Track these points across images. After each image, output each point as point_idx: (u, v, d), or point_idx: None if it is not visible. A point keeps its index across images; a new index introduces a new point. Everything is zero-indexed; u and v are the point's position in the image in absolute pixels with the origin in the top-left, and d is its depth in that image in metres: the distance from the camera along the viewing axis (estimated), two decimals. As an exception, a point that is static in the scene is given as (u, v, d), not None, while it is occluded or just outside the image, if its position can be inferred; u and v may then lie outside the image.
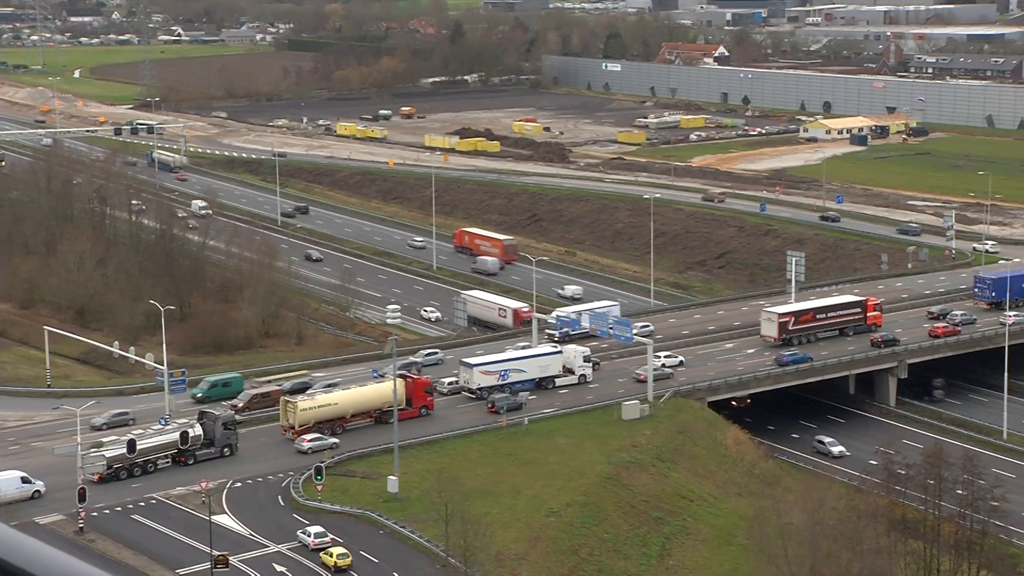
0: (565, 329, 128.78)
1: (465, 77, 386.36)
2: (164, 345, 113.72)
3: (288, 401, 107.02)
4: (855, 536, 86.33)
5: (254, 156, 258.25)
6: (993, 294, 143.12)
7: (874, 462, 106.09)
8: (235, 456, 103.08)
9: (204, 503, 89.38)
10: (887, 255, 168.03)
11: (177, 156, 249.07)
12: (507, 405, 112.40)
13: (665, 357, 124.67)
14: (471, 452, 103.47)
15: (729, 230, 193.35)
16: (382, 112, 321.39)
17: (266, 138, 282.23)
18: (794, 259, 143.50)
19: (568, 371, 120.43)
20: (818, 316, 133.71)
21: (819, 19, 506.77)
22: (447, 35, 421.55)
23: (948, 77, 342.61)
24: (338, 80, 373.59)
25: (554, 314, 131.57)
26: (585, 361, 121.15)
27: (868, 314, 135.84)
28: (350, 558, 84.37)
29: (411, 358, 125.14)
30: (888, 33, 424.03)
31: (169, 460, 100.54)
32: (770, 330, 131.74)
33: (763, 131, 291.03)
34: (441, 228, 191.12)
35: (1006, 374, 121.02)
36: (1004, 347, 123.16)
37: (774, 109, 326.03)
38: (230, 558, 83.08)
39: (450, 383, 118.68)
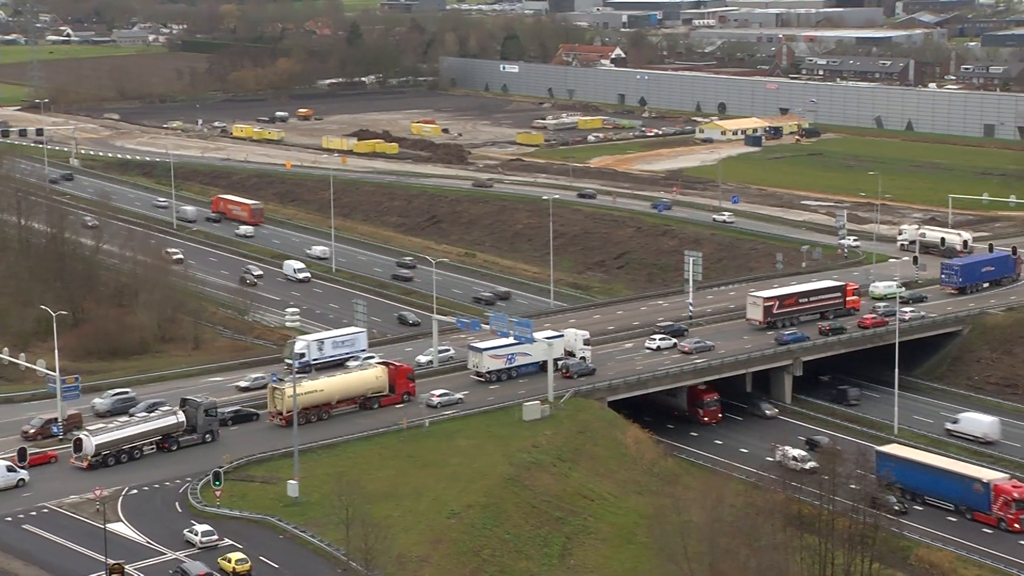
0: (305, 359, 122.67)
1: (362, 78, 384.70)
2: (56, 351, 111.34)
3: (275, 388, 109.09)
4: (753, 532, 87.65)
5: (147, 158, 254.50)
6: (960, 280, 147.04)
7: (770, 459, 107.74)
8: (218, 442, 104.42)
9: (99, 511, 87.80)
10: (782, 254, 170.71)
11: None
12: (579, 370, 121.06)
13: (660, 340, 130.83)
14: (372, 455, 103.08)
15: (627, 231, 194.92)
16: (279, 114, 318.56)
17: (160, 140, 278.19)
18: (691, 259, 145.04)
19: (570, 354, 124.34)
20: (801, 300, 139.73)
21: (712, 21, 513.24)
22: (344, 36, 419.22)
23: (838, 79, 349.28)
24: (233, 81, 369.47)
25: (294, 341, 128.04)
26: (585, 344, 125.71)
27: (847, 298, 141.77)
28: (249, 563, 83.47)
29: (96, 399, 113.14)
30: (780, 35, 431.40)
31: (153, 447, 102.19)
32: (755, 314, 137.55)
33: (660, 132, 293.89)
34: (339, 230, 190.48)
35: (896, 370, 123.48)
36: (895, 344, 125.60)
37: (670, 110, 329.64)
38: (126, 566, 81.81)
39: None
